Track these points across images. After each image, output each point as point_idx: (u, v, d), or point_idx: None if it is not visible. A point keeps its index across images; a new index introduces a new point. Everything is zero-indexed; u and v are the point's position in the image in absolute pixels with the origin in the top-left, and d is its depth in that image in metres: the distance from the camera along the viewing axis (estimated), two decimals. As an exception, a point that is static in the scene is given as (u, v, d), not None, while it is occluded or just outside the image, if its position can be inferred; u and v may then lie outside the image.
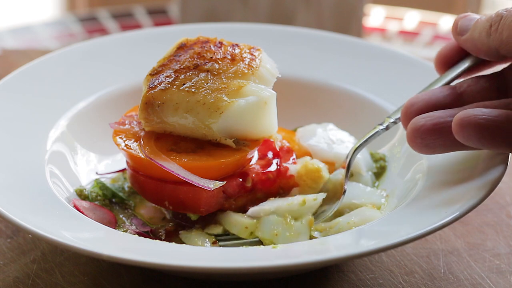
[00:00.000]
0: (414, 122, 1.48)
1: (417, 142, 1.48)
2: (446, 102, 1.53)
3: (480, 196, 1.44)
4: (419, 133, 1.47)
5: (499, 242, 1.62)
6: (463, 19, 1.56)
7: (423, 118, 1.48)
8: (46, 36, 2.68)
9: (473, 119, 1.40)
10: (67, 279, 1.50)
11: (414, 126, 1.48)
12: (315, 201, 1.56)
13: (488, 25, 1.49)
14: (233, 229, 1.54)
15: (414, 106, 1.52)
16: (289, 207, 1.55)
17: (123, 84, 1.84)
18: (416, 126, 1.47)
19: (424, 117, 1.48)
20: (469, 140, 1.41)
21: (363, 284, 1.51)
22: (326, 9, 2.58)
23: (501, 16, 1.47)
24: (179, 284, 1.50)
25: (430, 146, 1.48)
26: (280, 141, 1.65)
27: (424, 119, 1.47)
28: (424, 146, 1.48)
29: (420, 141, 1.47)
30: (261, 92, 1.54)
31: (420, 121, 1.47)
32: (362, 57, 1.90)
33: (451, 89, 1.55)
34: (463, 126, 1.40)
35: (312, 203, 1.56)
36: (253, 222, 1.54)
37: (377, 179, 1.70)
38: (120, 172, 1.71)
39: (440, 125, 1.46)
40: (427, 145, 1.47)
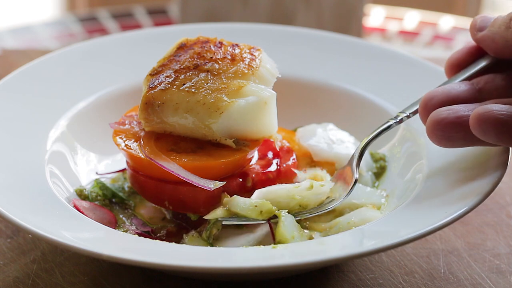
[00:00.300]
0: (436, 115, 1.47)
1: (438, 134, 1.47)
2: (465, 97, 1.53)
3: (480, 196, 1.44)
4: (441, 125, 1.46)
5: (499, 242, 1.62)
6: (482, 18, 1.57)
7: (445, 111, 1.47)
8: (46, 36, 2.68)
9: (492, 114, 1.40)
10: (67, 279, 1.50)
11: (435, 118, 1.47)
12: (322, 187, 1.54)
13: (508, 19, 1.50)
14: (242, 210, 1.51)
15: (434, 99, 1.52)
16: (297, 190, 1.53)
17: (123, 84, 1.84)
18: (438, 118, 1.47)
19: (446, 110, 1.47)
20: (487, 135, 1.41)
21: (363, 284, 1.51)
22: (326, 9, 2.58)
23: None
24: (179, 284, 1.50)
25: (450, 139, 1.47)
26: (280, 141, 1.65)
27: (446, 112, 1.47)
28: (444, 138, 1.47)
29: (441, 133, 1.47)
30: (261, 92, 1.54)
31: (442, 114, 1.47)
32: (362, 57, 1.90)
33: (469, 84, 1.55)
34: (481, 121, 1.40)
35: (319, 189, 1.54)
36: (263, 201, 1.51)
37: (377, 179, 1.70)
38: (120, 172, 1.71)
39: (462, 118, 1.46)
40: (448, 138, 1.47)
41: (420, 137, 1.68)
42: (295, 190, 1.54)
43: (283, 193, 1.53)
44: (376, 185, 1.69)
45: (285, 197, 1.53)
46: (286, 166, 1.62)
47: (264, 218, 1.51)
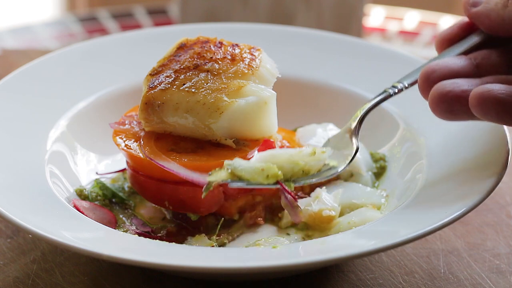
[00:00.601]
0: (441, 87, 1.47)
1: (442, 107, 1.47)
2: (464, 72, 1.52)
3: (480, 196, 1.44)
4: (447, 98, 1.46)
5: (499, 242, 1.62)
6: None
7: (450, 84, 1.47)
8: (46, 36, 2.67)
9: (492, 93, 1.40)
10: (67, 279, 1.50)
11: (441, 91, 1.47)
12: (323, 154, 1.52)
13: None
14: (247, 174, 1.47)
15: (435, 72, 1.51)
16: (300, 156, 1.52)
17: (123, 84, 1.84)
18: (443, 91, 1.47)
19: (450, 83, 1.47)
20: (487, 114, 1.41)
21: (363, 284, 1.51)
22: (326, 9, 2.58)
23: None
24: (179, 284, 1.50)
25: (454, 113, 1.47)
26: (280, 141, 1.65)
27: (451, 86, 1.47)
28: (448, 112, 1.47)
29: (446, 106, 1.46)
30: (261, 92, 1.54)
31: (447, 87, 1.47)
32: (362, 57, 1.90)
33: (467, 59, 1.55)
34: (481, 100, 1.41)
35: (321, 155, 1.52)
36: (269, 165, 1.48)
37: (377, 179, 1.70)
38: (120, 172, 1.71)
39: (467, 92, 1.46)
40: (452, 111, 1.47)
41: (420, 137, 1.68)
42: (299, 155, 1.51)
43: (285, 158, 1.50)
44: (376, 185, 1.69)
45: (289, 162, 1.50)
46: (286, 166, 1.62)
47: (270, 182, 1.48)
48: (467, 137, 1.62)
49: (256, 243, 1.52)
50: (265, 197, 1.61)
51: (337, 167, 1.55)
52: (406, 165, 1.67)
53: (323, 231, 1.56)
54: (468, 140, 1.61)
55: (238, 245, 1.54)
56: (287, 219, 1.58)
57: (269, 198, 1.62)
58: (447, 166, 1.57)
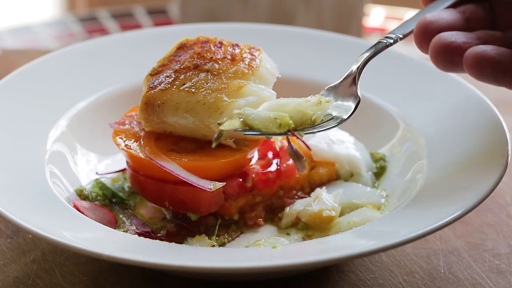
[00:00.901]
0: (444, 38, 1.48)
1: (445, 57, 1.47)
2: (457, 25, 1.54)
3: (480, 196, 1.44)
4: (449, 49, 1.47)
5: (499, 242, 1.62)
6: None
7: (451, 35, 1.48)
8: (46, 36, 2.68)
9: (487, 54, 1.42)
10: (67, 279, 1.50)
11: (443, 42, 1.47)
12: (328, 104, 1.51)
13: None
14: (260, 123, 1.46)
15: (433, 24, 1.51)
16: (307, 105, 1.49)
17: (123, 84, 1.84)
18: (445, 42, 1.47)
19: (451, 35, 1.48)
20: (483, 75, 1.43)
21: (363, 284, 1.51)
22: (326, 9, 2.58)
23: None
24: (179, 284, 1.50)
25: (455, 64, 1.48)
26: (280, 141, 1.65)
27: (452, 37, 1.48)
28: (449, 62, 1.48)
29: (448, 57, 1.47)
30: (261, 92, 1.54)
31: (449, 38, 1.47)
32: (362, 57, 1.90)
33: (458, 13, 1.56)
34: (477, 60, 1.42)
35: (326, 105, 1.50)
36: (280, 113, 1.46)
37: (377, 179, 1.70)
38: (120, 172, 1.71)
39: (468, 45, 1.47)
40: (453, 62, 1.48)
41: (420, 137, 1.68)
42: (306, 104, 1.50)
43: (293, 107, 1.49)
44: (376, 185, 1.69)
45: (297, 112, 1.49)
46: (286, 166, 1.62)
47: (282, 131, 1.46)
48: (467, 137, 1.62)
49: (256, 243, 1.52)
50: (265, 197, 1.61)
51: (340, 116, 1.53)
52: (406, 165, 1.67)
53: (323, 231, 1.56)
54: (468, 140, 1.61)
55: (238, 245, 1.54)
56: (287, 219, 1.58)
57: (269, 198, 1.62)
58: (447, 166, 1.57)
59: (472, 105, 1.70)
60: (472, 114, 1.67)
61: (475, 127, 1.64)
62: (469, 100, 1.72)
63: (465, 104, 1.71)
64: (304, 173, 1.65)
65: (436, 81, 1.77)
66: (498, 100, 1.84)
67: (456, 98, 1.73)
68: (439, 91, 1.76)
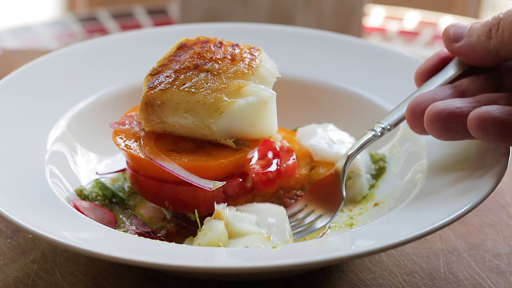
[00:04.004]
0: (434, 107, 1.47)
1: (439, 125, 1.47)
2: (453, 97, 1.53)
3: (480, 196, 1.44)
4: (442, 116, 1.47)
5: (499, 242, 1.62)
6: (454, 27, 1.57)
7: (443, 103, 1.48)
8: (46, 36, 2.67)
9: (492, 114, 1.41)
10: (67, 279, 1.50)
11: (435, 110, 1.47)
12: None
13: (487, 29, 1.50)
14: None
15: (421, 105, 1.52)
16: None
17: (123, 84, 1.84)
18: (437, 110, 1.47)
19: (443, 103, 1.48)
20: (488, 135, 1.42)
21: (363, 284, 1.51)
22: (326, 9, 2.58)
23: (499, 19, 1.48)
24: (179, 284, 1.50)
25: (451, 130, 1.48)
26: (280, 141, 1.65)
27: (444, 104, 1.48)
28: (446, 130, 1.47)
29: (442, 124, 1.47)
30: (261, 92, 1.54)
31: (440, 106, 1.47)
32: (362, 57, 1.90)
33: (452, 88, 1.56)
34: (481, 121, 1.42)
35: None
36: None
37: (377, 179, 1.70)
38: (120, 172, 1.71)
39: (461, 109, 1.47)
40: (449, 129, 1.47)
41: (420, 137, 1.68)
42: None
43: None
44: (375, 186, 1.69)
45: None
46: (286, 166, 1.63)
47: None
48: (467, 137, 1.62)
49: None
50: (265, 197, 1.61)
51: (323, 218, 1.57)
52: (406, 165, 1.67)
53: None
54: (468, 140, 1.61)
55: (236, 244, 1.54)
56: None
57: (269, 198, 1.62)
58: (447, 166, 1.57)
59: (472, 105, 1.70)
60: (472, 114, 1.67)
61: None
62: (469, 100, 1.72)
63: (465, 104, 1.71)
64: (304, 173, 1.65)
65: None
66: (498, 100, 1.84)
67: (456, 98, 1.73)
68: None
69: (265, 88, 1.56)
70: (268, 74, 1.59)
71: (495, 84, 1.55)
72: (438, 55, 1.62)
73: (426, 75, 1.62)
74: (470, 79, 1.56)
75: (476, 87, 1.55)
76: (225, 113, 1.52)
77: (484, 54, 1.52)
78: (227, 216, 1.48)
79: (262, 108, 1.54)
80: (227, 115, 1.52)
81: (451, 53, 1.59)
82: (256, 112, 1.53)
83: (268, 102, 1.54)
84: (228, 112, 1.52)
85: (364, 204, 1.66)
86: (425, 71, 1.62)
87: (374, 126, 1.61)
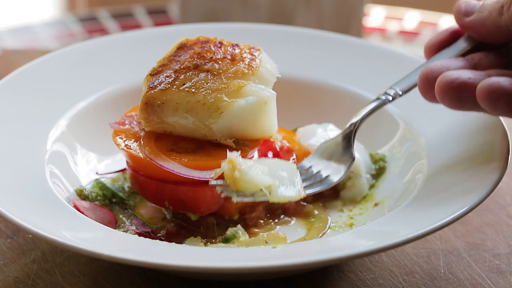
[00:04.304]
0: (447, 76, 1.47)
1: (452, 94, 1.47)
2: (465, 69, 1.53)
3: (480, 196, 1.44)
4: (454, 85, 1.46)
5: (499, 242, 1.62)
6: (466, 2, 1.57)
7: (456, 73, 1.47)
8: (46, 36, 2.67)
9: (502, 85, 1.41)
10: (67, 279, 1.50)
11: (447, 79, 1.47)
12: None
13: (499, 6, 1.50)
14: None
15: (434, 72, 1.51)
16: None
17: (123, 84, 1.84)
18: (450, 79, 1.46)
19: (455, 72, 1.47)
20: (496, 106, 1.42)
21: (363, 284, 1.51)
22: (326, 9, 2.58)
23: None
24: (179, 284, 1.50)
25: (463, 100, 1.47)
26: (280, 141, 1.65)
27: (457, 74, 1.47)
28: (457, 99, 1.47)
29: (454, 93, 1.46)
30: (261, 92, 1.54)
31: (454, 75, 1.47)
32: (362, 57, 1.90)
33: (465, 60, 1.55)
34: (490, 92, 1.41)
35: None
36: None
37: (377, 179, 1.70)
38: (120, 172, 1.71)
39: (474, 80, 1.46)
40: (461, 99, 1.47)
41: (420, 137, 1.68)
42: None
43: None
44: (375, 186, 1.69)
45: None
46: (286, 166, 1.62)
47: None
48: (467, 137, 1.62)
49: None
50: (265, 198, 1.61)
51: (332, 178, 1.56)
52: (406, 165, 1.67)
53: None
54: (468, 140, 1.61)
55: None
56: None
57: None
58: (447, 166, 1.57)
59: (472, 105, 1.70)
60: (472, 114, 1.67)
61: (475, 127, 1.64)
62: (469, 100, 1.72)
63: (465, 104, 1.71)
64: (304, 173, 1.65)
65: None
66: (498, 100, 1.84)
67: (456, 98, 1.73)
68: (439, 91, 1.76)
69: (265, 88, 1.56)
70: (268, 74, 1.59)
71: (504, 62, 1.55)
72: (449, 29, 1.61)
73: (435, 49, 1.61)
74: (481, 54, 1.56)
75: (487, 62, 1.55)
76: (225, 113, 1.52)
77: (495, 30, 1.52)
78: (240, 164, 1.47)
79: (262, 108, 1.54)
80: (227, 115, 1.52)
81: (462, 27, 1.58)
82: (256, 112, 1.53)
83: (268, 102, 1.54)
84: (228, 112, 1.52)
85: (364, 204, 1.66)
86: (435, 45, 1.61)
87: (386, 91, 1.61)
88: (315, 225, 1.60)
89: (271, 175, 1.48)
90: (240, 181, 1.45)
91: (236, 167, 1.45)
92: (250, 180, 1.46)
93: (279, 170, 1.50)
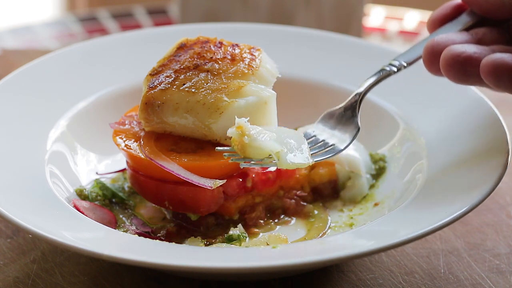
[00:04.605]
0: (452, 49, 1.47)
1: (456, 68, 1.46)
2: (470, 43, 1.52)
3: (480, 196, 1.44)
4: (460, 58, 1.46)
5: (499, 242, 1.62)
6: None
7: (461, 47, 1.47)
8: (46, 36, 2.67)
9: (505, 61, 1.41)
10: (67, 279, 1.50)
11: (452, 52, 1.46)
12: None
13: None
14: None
15: (439, 45, 1.51)
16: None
17: (123, 84, 1.84)
18: (455, 52, 1.46)
19: (461, 46, 1.47)
20: (500, 81, 1.42)
21: (363, 284, 1.51)
22: (326, 9, 2.58)
23: None
24: (179, 284, 1.50)
25: (467, 74, 1.46)
26: (280, 141, 1.65)
27: (462, 48, 1.47)
28: (462, 73, 1.46)
29: (459, 67, 1.46)
30: (261, 92, 1.54)
31: (459, 48, 1.46)
32: (362, 57, 1.90)
33: (469, 34, 1.55)
34: (494, 67, 1.41)
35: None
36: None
37: (377, 179, 1.70)
38: (120, 172, 1.71)
39: (479, 54, 1.46)
40: (466, 72, 1.46)
41: (420, 137, 1.68)
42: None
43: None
44: (375, 186, 1.69)
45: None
46: (286, 166, 1.62)
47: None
48: (467, 137, 1.62)
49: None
50: (265, 198, 1.61)
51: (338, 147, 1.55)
52: (406, 165, 1.67)
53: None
54: (468, 140, 1.61)
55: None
56: None
57: (269, 199, 1.62)
58: (447, 166, 1.57)
59: (472, 105, 1.70)
60: (472, 114, 1.67)
61: (475, 127, 1.64)
62: (469, 100, 1.72)
63: (465, 104, 1.71)
64: (304, 173, 1.65)
65: (436, 81, 1.77)
66: (498, 100, 1.84)
67: (456, 98, 1.73)
68: (439, 91, 1.76)
69: (265, 88, 1.56)
70: (268, 74, 1.59)
71: (506, 38, 1.55)
72: (452, 3, 1.61)
73: (438, 23, 1.61)
74: (484, 29, 1.56)
75: (490, 38, 1.54)
76: (225, 113, 1.52)
77: (498, 5, 1.52)
78: (249, 129, 1.45)
79: (262, 108, 1.54)
80: (227, 115, 1.52)
81: (465, 2, 1.58)
82: (256, 112, 1.53)
83: (268, 102, 1.54)
84: (228, 112, 1.52)
85: (364, 204, 1.66)
86: (438, 19, 1.61)
87: (391, 62, 1.61)
88: (315, 225, 1.60)
89: (279, 141, 1.47)
90: (248, 146, 1.43)
91: (245, 132, 1.44)
92: (259, 146, 1.44)
93: (286, 137, 1.48)
